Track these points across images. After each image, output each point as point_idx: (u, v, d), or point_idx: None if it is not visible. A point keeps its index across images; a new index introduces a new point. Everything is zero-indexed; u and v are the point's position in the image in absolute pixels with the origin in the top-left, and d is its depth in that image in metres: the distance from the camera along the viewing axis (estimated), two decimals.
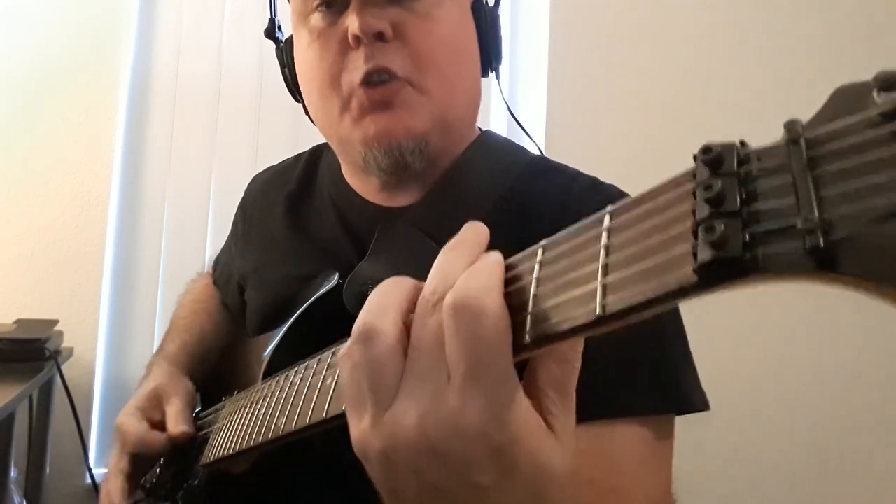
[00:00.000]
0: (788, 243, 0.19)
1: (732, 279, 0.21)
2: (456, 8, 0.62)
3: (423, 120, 0.59)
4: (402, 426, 0.28)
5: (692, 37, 1.80)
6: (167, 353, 0.79)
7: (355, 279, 0.60)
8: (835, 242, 0.18)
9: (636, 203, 0.26)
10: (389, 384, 0.29)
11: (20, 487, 1.44)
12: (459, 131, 0.66)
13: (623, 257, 0.25)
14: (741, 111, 1.73)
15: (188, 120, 1.71)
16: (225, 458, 0.60)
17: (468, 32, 0.64)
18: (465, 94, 0.64)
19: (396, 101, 0.58)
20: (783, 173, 0.21)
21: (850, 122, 0.20)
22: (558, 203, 0.61)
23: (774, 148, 0.22)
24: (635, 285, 0.24)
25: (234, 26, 1.71)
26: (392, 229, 0.63)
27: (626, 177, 0.54)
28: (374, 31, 0.56)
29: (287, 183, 0.78)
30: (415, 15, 0.59)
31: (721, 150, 0.22)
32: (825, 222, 0.19)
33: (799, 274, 0.19)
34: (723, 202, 0.21)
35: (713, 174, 0.22)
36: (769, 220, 0.20)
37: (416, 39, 0.58)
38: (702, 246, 0.21)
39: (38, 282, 1.61)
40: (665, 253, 0.23)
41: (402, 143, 0.59)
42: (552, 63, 1.77)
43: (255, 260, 0.76)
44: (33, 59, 1.62)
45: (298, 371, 0.50)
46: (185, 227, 1.70)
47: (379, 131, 0.59)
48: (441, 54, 0.60)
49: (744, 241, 0.20)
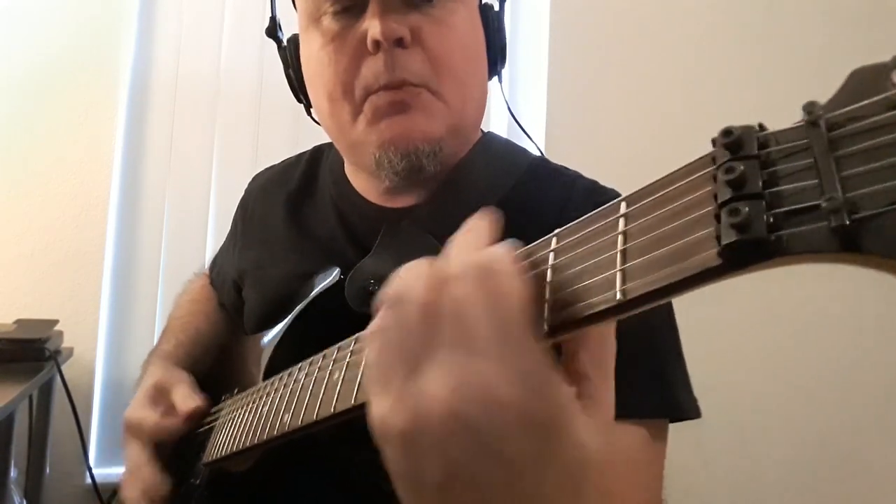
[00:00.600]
0: (813, 223, 0.20)
1: (756, 261, 0.21)
2: (468, 13, 0.63)
3: (439, 124, 0.60)
4: (430, 397, 0.27)
5: (692, 37, 1.80)
6: (163, 352, 0.79)
7: (358, 275, 0.60)
8: (859, 221, 0.19)
9: (653, 189, 0.26)
10: (418, 352, 0.28)
11: (20, 487, 1.43)
12: (468, 135, 0.67)
13: (642, 243, 0.25)
14: (741, 111, 1.73)
15: (188, 120, 1.70)
16: (228, 457, 0.59)
17: (479, 36, 0.64)
18: (477, 99, 0.65)
19: (414, 104, 0.58)
20: (804, 155, 0.21)
21: (870, 103, 0.20)
22: (559, 206, 0.61)
23: (794, 130, 0.22)
24: (656, 270, 0.24)
25: (234, 26, 1.71)
26: (397, 228, 0.63)
27: (626, 177, 0.55)
28: (396, 37, 0.56)
29: (288, 182, 0.78)
30: (432, 21, 0.59)
31: (741, 133, 0.22)
32: (849, 202, 0.19)
33: (823, 254, 0.19)
34: (745, 184, 0.21)
35: (733, 157, 0.22)
36: (792, 202, 0.20)
37: (434, 45, 0.58)
38: (725, 228, 0.21)
39: (38, 282, 1.60)
40: (686, 237, 0.23)
41: (419, 147, 0.59)
42: (552, 63, 1.77)
43: (255, 258, 0.76)
44: (33, 59, 1.62)
45: (303, 367, 0.49)
46: (185, 227, 1.69)
47: (396, 134, 0.59)
48: (457, 60, 0.60)
49: (768, 222, 0.20)
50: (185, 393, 0.68)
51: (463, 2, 0.62)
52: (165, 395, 0.69)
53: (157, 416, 0.66)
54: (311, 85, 0.66)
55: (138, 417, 0.67)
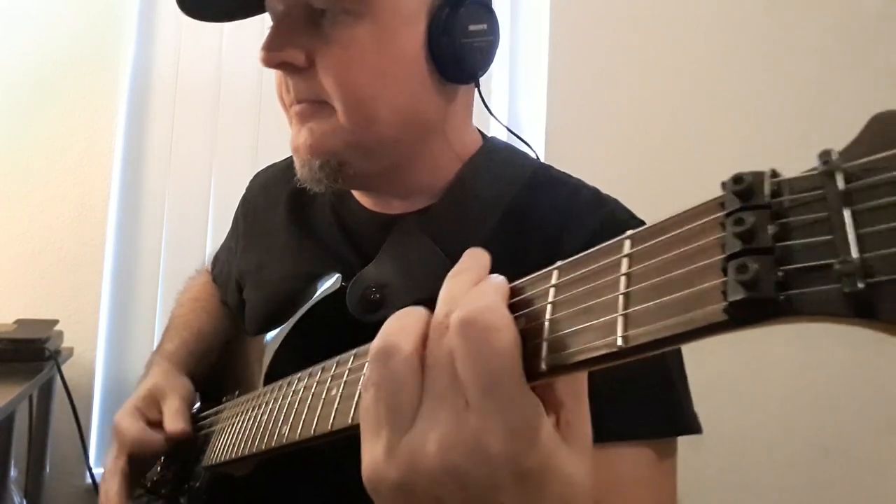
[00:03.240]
0: (825, 285, 0.19)
1: (763, 319, 0.20)
2: (373, 27, 0.58)
3: (332, 140, 0.59)
4: (422, 452, 0.27)
5: (693, 37, 1.79)
6: (166, 351, 0.79)
7: (360, 282, 0.60)
8: (874, 286, 0.18)
9: (659, 230, 0.25)
10: (408, 406, 0.29)
11: (20, 487, 1.44)
12: (405, 148, 0.63)
13: (646, 287, 0.24)
14: (742, 111, 1.72)
15: (188, 120, 1.70)
16: (227, 462, 0.60)
17: (394, 50, 0.59)
18: (395, 113, 0.60)
19: (308, 118, 0.60)
20: (819, 207, 0.20)
21: (889, 155, 0.19)
22: (561, 215, 0.61)
23: (808, 178, 0.21)
24: (660, 319, 0.23)
25: (235, 26, 1.69)
26: (402, 234, 0.63)
27: (626, 178, 0.54)
28: (276, 63, 0.58)
29: (289, 182, 0.77)
30: (328, 43, 0.57)
31: (752, 181, 0.21)
32: (865, 264, 0.18)
33: (835, 317, 0.19)
34: (754, 237, 0.20)
35: (743, 206, 0.21)
36: (803, 259, 0.19)
37: (329, 68, 0.57)
38: (732, 284, 0.20)
39: (38, 282, 1.60)
40: (692, 287, 0.22)
41: (309, 159, 0.60)
42: (552, 63, 1.76)
43: (256, 258, 0.76)
44: (33, 59, 1.61)
45: (301, 378, 0.49)
46: (185, 227, 1.69)
47: (294, 145, 0.61)
48: (357, 80, 0.58)
49: (776, 280, 0.19)
50: (175, 410, 0.68)
51: (369, 17, 0.57)
52: (156, 405, 0.69)
53: (139, 429, 0.67)
54: None
55: (123, 426, 0.68)
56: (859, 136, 0.20)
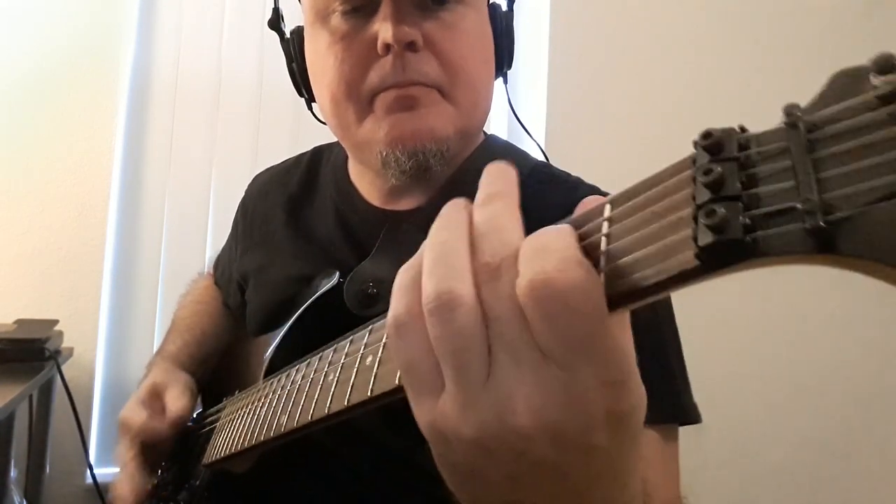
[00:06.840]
0: (788, 225, 0.20)
1: (733, 262, 0.21)
2: (478, 16, 0.62)
3: (448, 125, 0.59)
4: (509, 411, 0.25)
5: (692, 37, 1.80)
6: (167, 352, 0.80)
7: (357, 278, 0.61)
8: (834, 223, 0.19)
9: (635, 191, 0.26)
10: (481, 361, 0.26)
11: (20, 487, 1.44)
12: (473, 137, 0.67)
13: (622, 245, 0.25)
14: (742, 111, 1.72)
15: (188, 120, 1.70)
16: (227, 458, 0.60)
17: (488, 40, 0.64)
18: (486, 102, 0.64)
19: (424, 102, 0.58)
20: (783, 157, 0.21)
21: (847, 105, 0.20)
22: (561, 213, 0.62)
23: (774, 132, 0.22)
24: (637, 271, 0.24)
25: (234, 26, 1.71)
26: (398, 231, 0.63)
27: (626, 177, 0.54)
28: (407, 41, 0.56)
29: (288, 185, 0.78)
30: (443, 25, 0.59)
31: (721, 136, 0.22)
32: (825, 203, 0.19)
33: (799, 255, 0.19)
34: (722, 186, 0.21)
35: (713, 159, 0.22)
36: (769, 203, 0.20)
37: (446, 50, 0.58)
38: (702, 230, 0.21)
39: (38, 282, 1.61)
40: (665, 239, 0.23)
41: (427, 146, 0.58)
42: (552, 63, 1.77)
43: (256, 261, 0.76)
44: (33, 59, 1.62)
45: (299, 369, 0.50)
46: (185, 227, 1.70)
47: (405, 132, 0.58)
48: (468, 64, 0.60)
49: (744, 223, 0.20)
50: (176, 394, 0.69)
51: (473, 6, 0.61)
52: (159, 397, 0.70)
53: (145, 417, 0.68)
54: (315, 82, 0.65)
55: (128, 417, 0.69)
56: (822, 90, 0.21)
